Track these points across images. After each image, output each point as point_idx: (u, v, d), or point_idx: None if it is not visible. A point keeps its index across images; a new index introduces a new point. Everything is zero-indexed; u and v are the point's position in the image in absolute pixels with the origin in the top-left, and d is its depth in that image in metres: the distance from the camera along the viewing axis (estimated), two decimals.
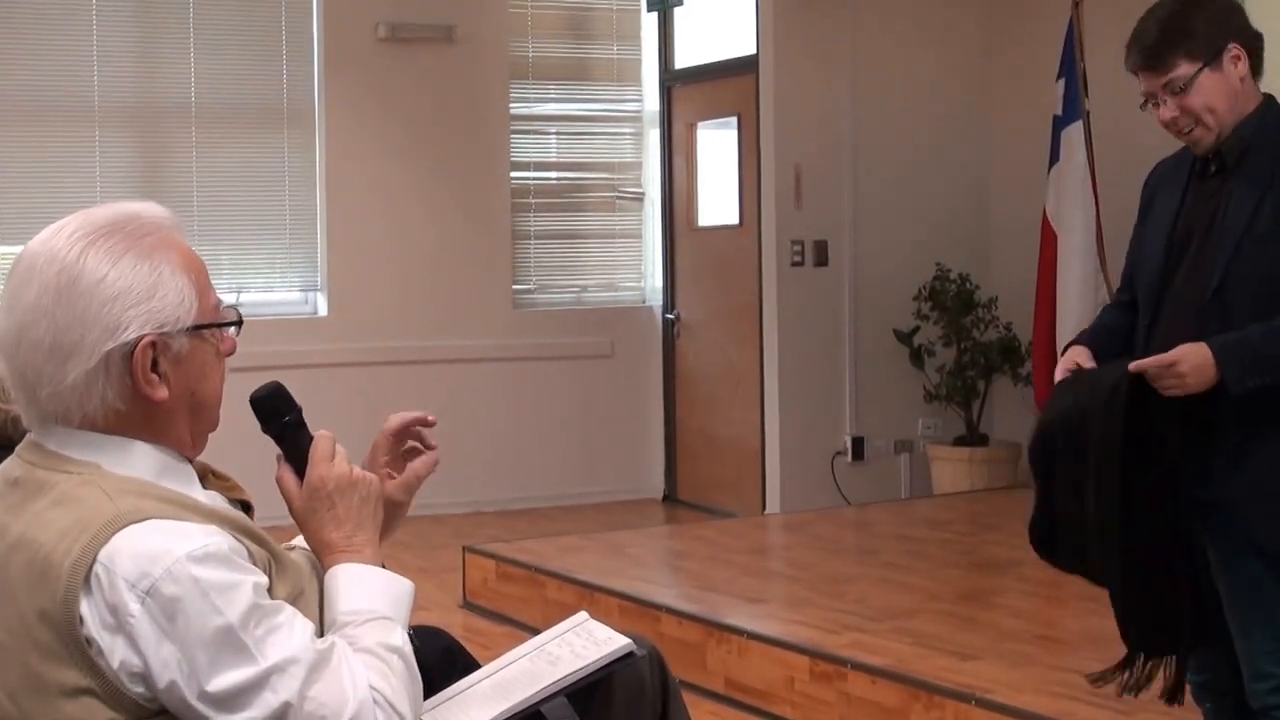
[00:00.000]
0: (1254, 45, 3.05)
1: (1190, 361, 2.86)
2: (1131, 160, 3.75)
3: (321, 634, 1.89)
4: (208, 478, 2.01)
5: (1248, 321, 2.89)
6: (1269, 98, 3.06)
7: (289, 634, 1.79)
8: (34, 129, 7.74)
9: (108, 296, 1.83)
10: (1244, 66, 3.01)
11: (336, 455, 2.02)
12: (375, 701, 1.82)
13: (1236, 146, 3.00)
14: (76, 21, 7.77)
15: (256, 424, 2.03)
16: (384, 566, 2.00)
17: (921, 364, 7.94)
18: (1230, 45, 3.00)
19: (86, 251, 1.84)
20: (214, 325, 1.92)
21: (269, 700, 1.76)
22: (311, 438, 2.03)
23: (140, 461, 1.88)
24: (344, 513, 1.99)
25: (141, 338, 1.84)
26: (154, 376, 1.86)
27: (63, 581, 1.75)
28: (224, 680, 1.74)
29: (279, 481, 2.03)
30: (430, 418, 2.22)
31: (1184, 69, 2.98)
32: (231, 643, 1.75)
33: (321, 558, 1.99)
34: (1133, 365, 2.93)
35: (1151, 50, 3.01)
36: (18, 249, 7.29)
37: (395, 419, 2.22)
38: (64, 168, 7.74)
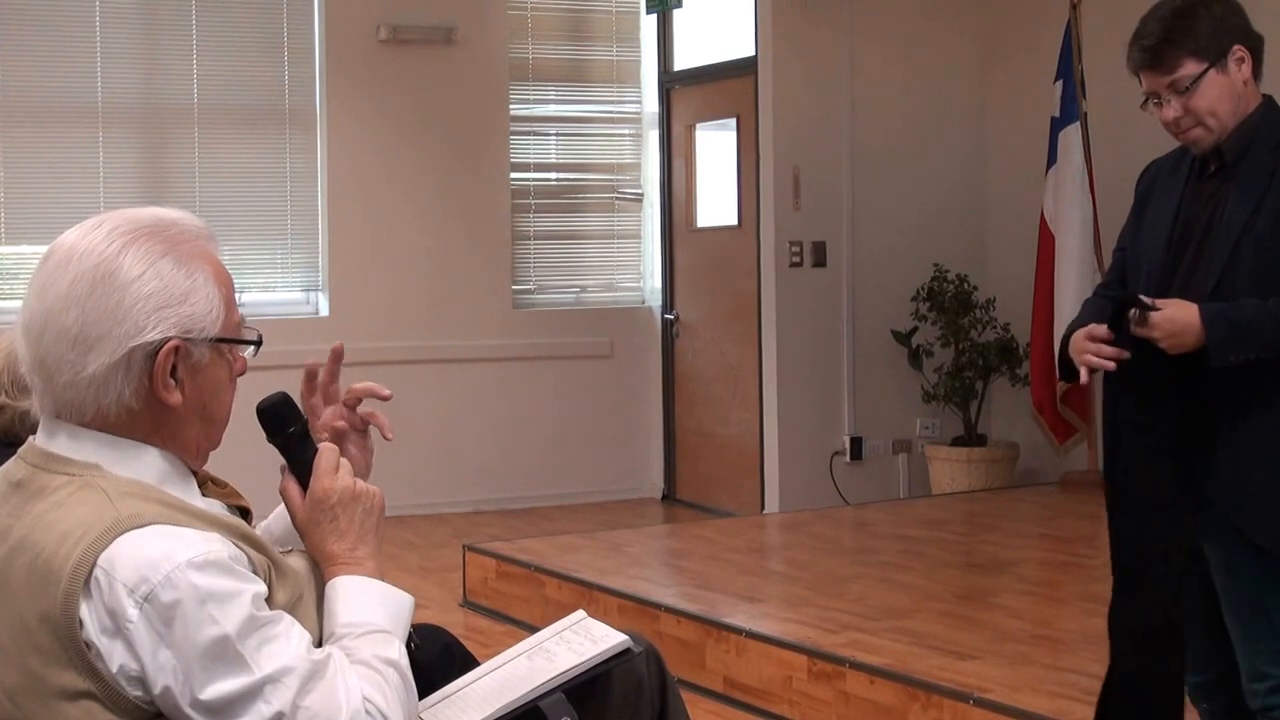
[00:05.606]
0: (1256, 47, 3.05)
1: (1170, 313, 2.88)
2: (1129, 161, 3.76)
3: (320, 643, 1.90)
4: (206, 485, 2.02)
5: None
6: (1268, 98, 3.06)
7: (285, 644, 1.80)
8: (39, 129, 7.75)
9: (142, 294, 1.84)
10: (1248, 69, 3.00)
11: (340, 468, 2.03)
12: (368, 713, 1.82)
13: (1236, 146, 2.99)
14: (80, 23, 7.79)
15: (256, 429, 2.03)
16: (383, 579, 2.01)
17: (919, 364, 7.96)
18: (1235, 47, 2.99)
19: (127, 248, 1.85)
20: (236, 341, 1.94)
21: (262, 710, 1.76)
22: (316, 449, 2.04)
23: (144, 465, 1.88)
24: (346, 525, 2.00)
25: (167, 340, 1.85)
26: (171, 381, 1.87)
27: (63, 585, 1.75)
28: (217, 689, 1.75)
29: (283, 493, 2.04)
30: (385, 391, 2.23)
31: (1189, 68, 2.97)
32: (227, 653, 1.75)
33: (323, 569, 2.00)
34: (1134, 331, 2.92)
35: (1155, 49, 2.99)
36: (22, 248, 7.27)
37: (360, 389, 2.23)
38: (68, 168, 7.75)
